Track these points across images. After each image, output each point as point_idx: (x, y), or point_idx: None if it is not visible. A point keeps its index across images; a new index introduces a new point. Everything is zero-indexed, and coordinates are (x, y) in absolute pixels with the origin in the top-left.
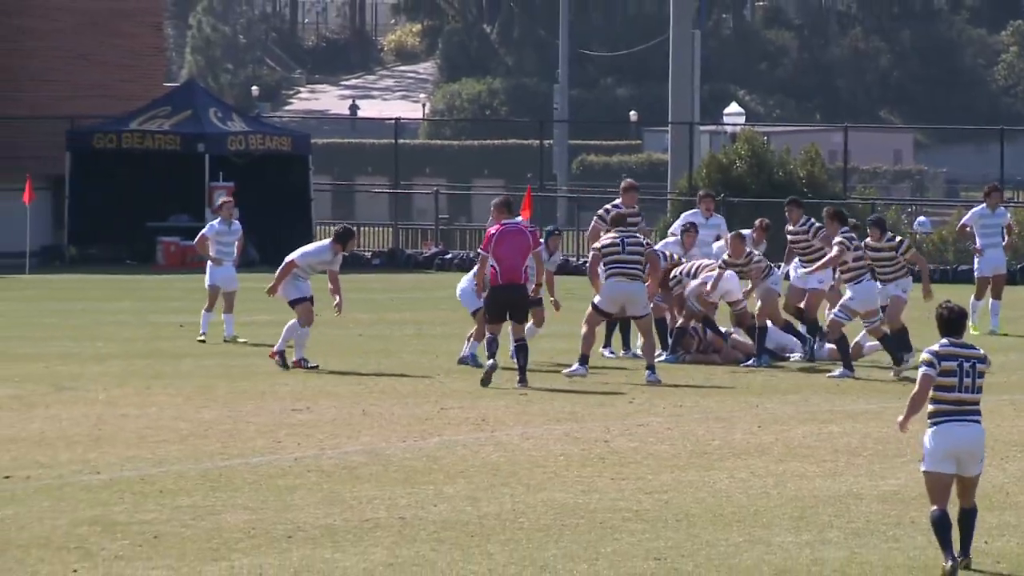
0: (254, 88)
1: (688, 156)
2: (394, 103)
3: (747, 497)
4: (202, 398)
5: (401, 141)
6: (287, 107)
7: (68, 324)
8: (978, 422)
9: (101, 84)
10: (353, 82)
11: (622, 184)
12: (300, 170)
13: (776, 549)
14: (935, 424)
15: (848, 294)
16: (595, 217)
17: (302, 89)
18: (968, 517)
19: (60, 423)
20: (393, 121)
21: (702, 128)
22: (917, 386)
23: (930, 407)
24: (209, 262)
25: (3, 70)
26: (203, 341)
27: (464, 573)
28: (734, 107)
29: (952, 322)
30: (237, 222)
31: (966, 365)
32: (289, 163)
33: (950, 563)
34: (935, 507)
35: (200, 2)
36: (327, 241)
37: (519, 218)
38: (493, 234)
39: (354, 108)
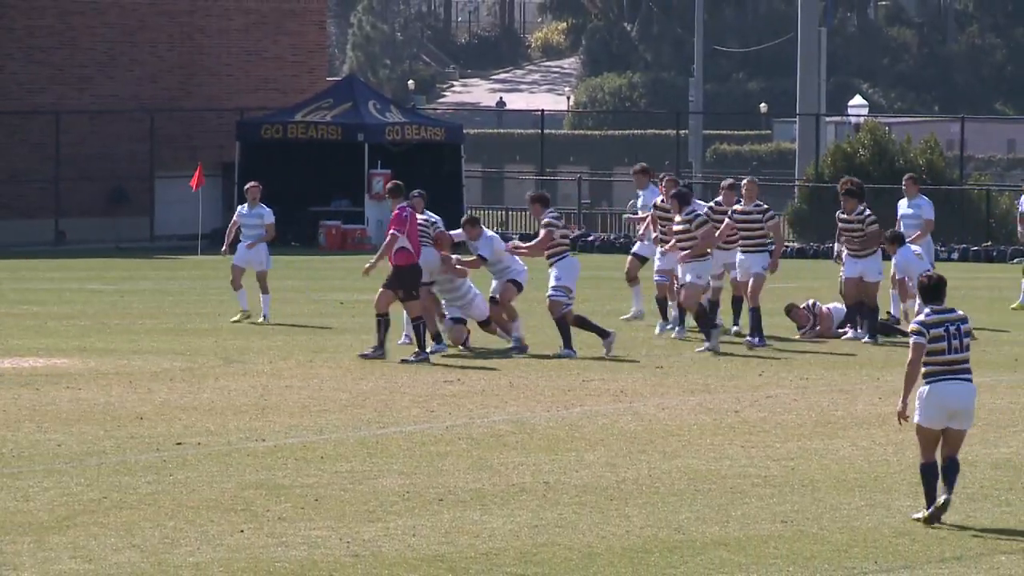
0: (410, 82)
1: (815, 145)
2: (540, 96)
3: (868, 464)
4: (360, 370)
5: (547, 131)
6: (441, 100)
7: (235, 301)
8: (970, 380)
9: (268, 78)
10: (502, 76)
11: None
12: (453, 158)
13: (895, 513)
14: (931, 383)
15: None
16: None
17: (455, 83)
18: (954, 466)
19: (228, 393)
20: (539, 113)
21: (828, 119)
22: (910, 354)
23: (924, 369)
24: (244, 244)
25: (181, 66)
26: (238, 321)
27: (604, 534)
28: (858, 99)
29: (934, 289)
30: (263, 206)
31: (951, 328)
32: (442, 152)
33: (942, 499)
34: (924, 459)
35: (361, 2)
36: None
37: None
38: (404, 216)
39: (501, 103)
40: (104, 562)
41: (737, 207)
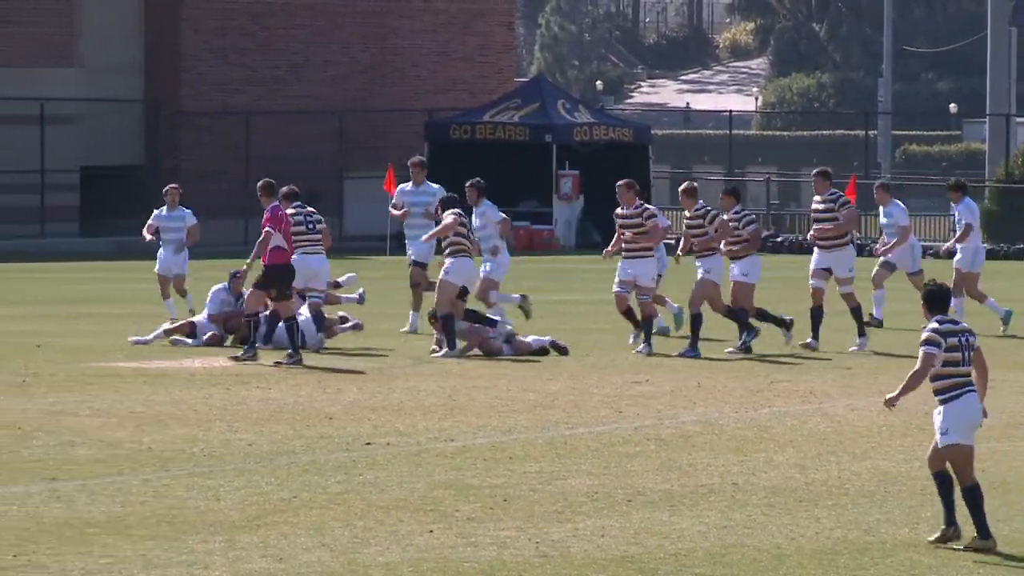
0: (598, 82)
1: (1005, 146)
2: (728, 96)
3: None
4: (549, 371)
5: (735, 132)
6: (629, 100)
7: (423, 301)
8: (975, 391)
9: (457, 79)
10: (690, 77)
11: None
12: (641, 159)
13: None
14: (956, 397)
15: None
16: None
17: (643, 84)
18: (977, 495)
19: (418, 394)
20: (727, 113)
21: (1018, 119)
22: (920, 364)
23: (940, 383)
24: (160, 251)
25: (371, 67)
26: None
27: (793, 536)
28: None
29: (942, 299)
30: (183, 208)
31: (962, 340)
32: (630, 152)
33: (953, 528)
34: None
35: (549, 2)
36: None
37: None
38: (280, 215)
39: (687, 106)
40: (294, 561)
41: (687, 213)
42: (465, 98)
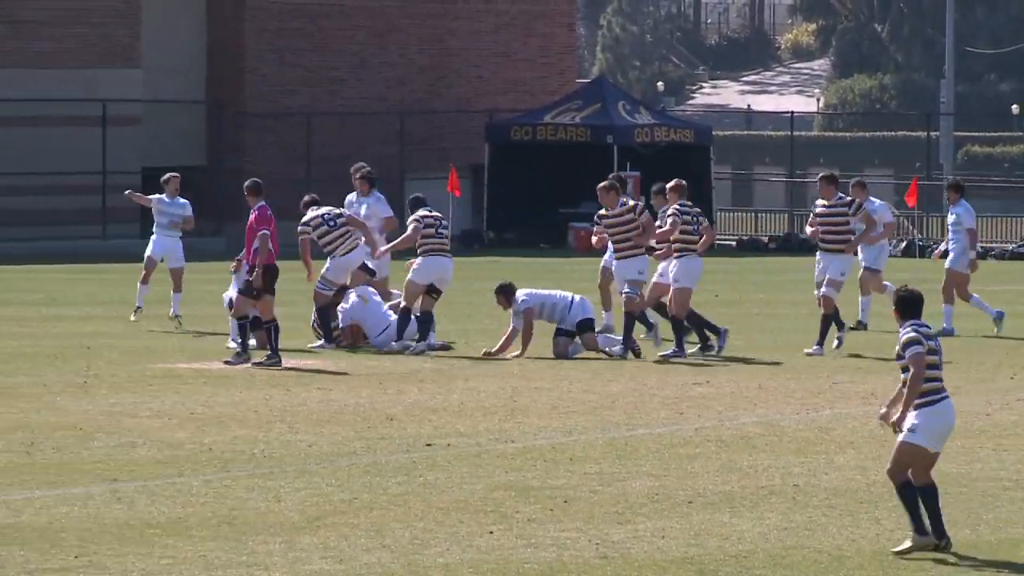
0: (659, 84)
1: None
2: (790, 98)
3: None
4: (609, 372)
5: (796, 133)
6: (690, 102)
7: (485, 302)
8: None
9: (518, 80)
10: (751, 78)
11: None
12: (702, 160)
13: None
14: (934, 403)
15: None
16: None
17: (704, 85)
18: (934, 495)
19: (478, 395)
20: (789, 114)
21: None
22: (914, 368)
23: (923, 386)
24: (153, 235)
25: (432, 68)
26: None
27: (853, 537)
28: None
29: (915, 304)
30: (182, 198)
31: (938, 344)
32: (691, 153)
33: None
34: (915, 481)
35: (610, 3)
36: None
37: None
38: (271, 214)
39: (749, 107)
40: (355, 562)
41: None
42: (526, 99)
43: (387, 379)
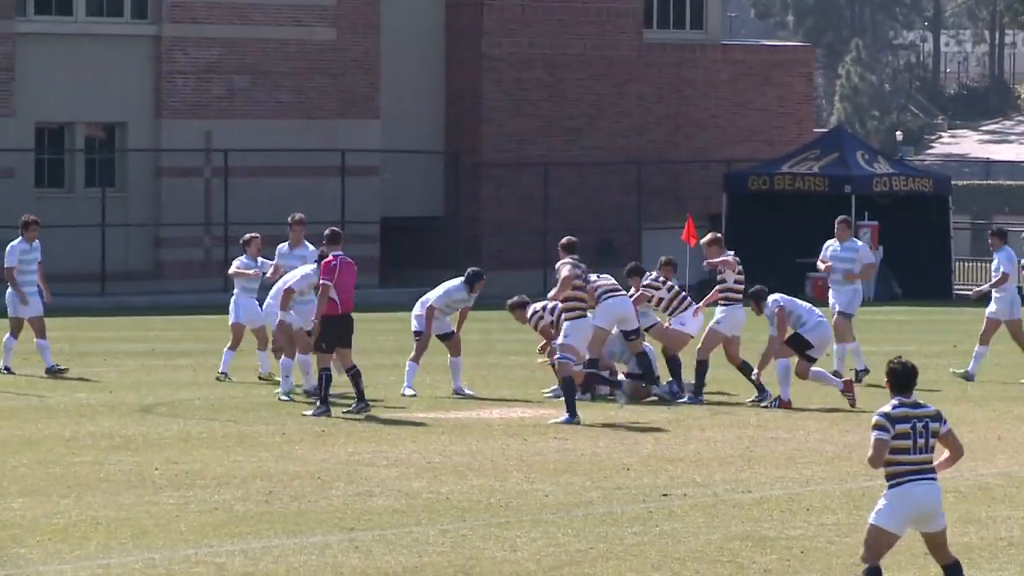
0: (898, 133)
1: None
2: None
3: None
4: (847, 422)
5: None
6: (929, 151)
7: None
8: (934, 479)
9: (755, 130)
10: (991, 127)
11: None
12: (940, 210)
13: None
14: (896, 485)
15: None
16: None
17: (943, 134)
18: (958, 568)
19: (714, 444)
20: None
21: None
22: (872, 452)
23: (886, 469)
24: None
25: (669, 117)
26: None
27: None
28: None
29: (905, 378)
30: (308, 245)
31: (919, 425)
32: (930, 203)
33: None
34: (871, 562)
35: (849, 53)
36: (459, 281)
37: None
38: (334, 265)
39: (988, 158)
40: None
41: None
42: (764, 148)
43: (623, 429)
